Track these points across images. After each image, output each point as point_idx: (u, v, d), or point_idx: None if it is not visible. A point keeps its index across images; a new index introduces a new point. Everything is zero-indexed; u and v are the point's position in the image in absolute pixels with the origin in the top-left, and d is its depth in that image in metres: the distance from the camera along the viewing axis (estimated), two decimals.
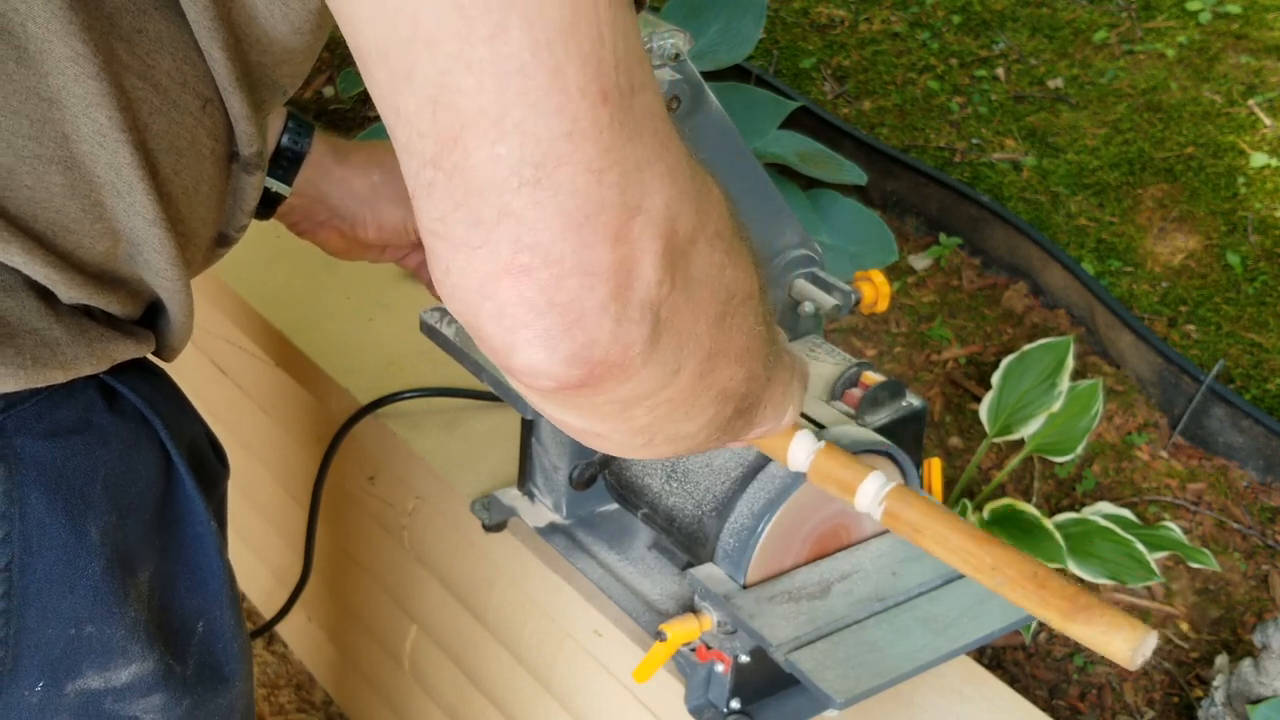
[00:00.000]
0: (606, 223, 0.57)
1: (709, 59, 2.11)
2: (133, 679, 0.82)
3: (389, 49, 0.55)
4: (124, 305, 0.79)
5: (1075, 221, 2.80)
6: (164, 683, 0.84)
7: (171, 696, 0.84)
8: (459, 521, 1.35)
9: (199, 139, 0.76)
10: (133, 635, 0.81)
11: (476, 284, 0.58)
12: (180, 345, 0.86)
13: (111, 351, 0.78)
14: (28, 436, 0.76)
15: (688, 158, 0.62)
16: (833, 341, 1.18)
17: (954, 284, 2.73)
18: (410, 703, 1.64)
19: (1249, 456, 2.34)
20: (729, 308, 0.67)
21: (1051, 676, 2.06)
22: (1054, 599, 0.79)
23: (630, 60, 0.57)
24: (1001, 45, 3.29)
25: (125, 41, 0.71)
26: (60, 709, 0.80)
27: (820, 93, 3.20)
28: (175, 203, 0.76)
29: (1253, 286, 2.63)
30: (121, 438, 0.80)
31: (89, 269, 0.75)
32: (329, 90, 2.91)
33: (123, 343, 0.79)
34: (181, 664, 0.85)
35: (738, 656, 1.06)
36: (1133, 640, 0.76)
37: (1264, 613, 2.12)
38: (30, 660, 0.78)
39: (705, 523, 1.06)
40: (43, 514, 0.76)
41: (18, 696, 0.78)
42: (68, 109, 0.70)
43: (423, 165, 0.57)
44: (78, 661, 0.80)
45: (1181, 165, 2.91)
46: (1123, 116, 3.05)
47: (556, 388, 0.61)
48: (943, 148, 3.02)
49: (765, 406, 0.81)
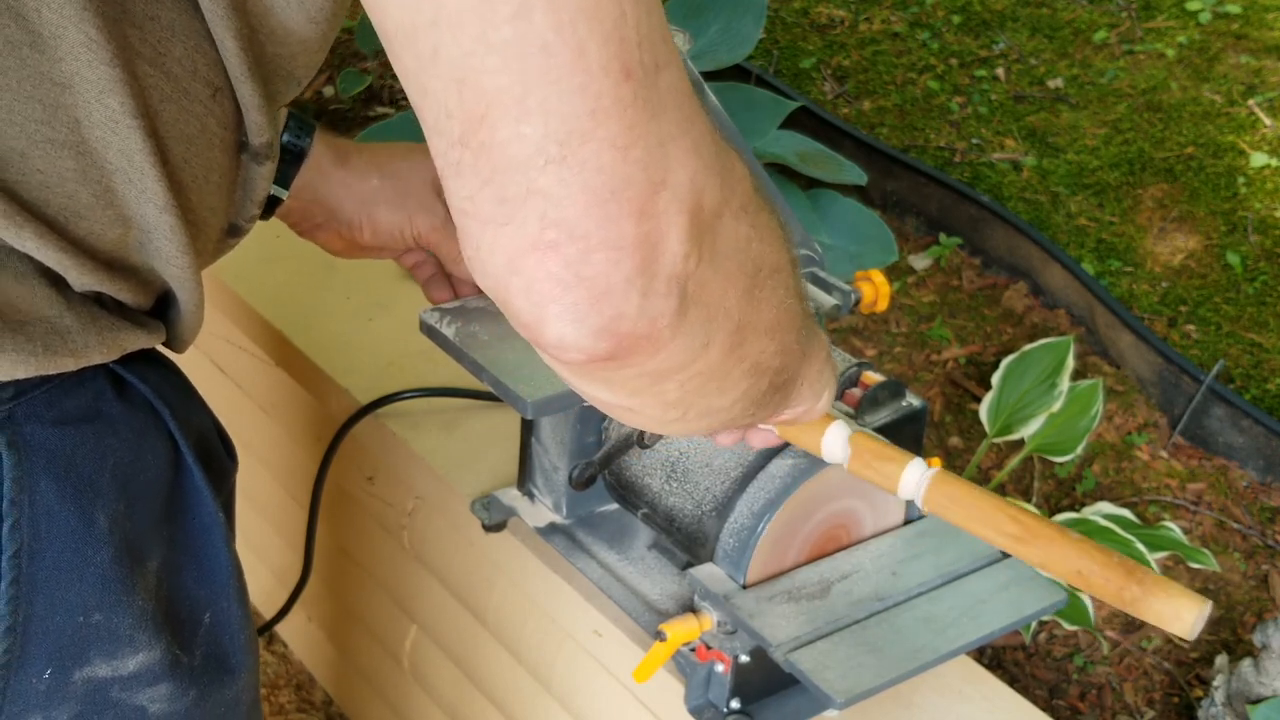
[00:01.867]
0: (631, 198, 0.58)
1: (709, 59, 2.11)
2: (140, 668, 0.82)
3: (414, 31, 0.56)
4: (135, 294, 0.79)
5: (1075, 221, 2.80)
6: (170, 672, 0.84)
7: (178, 686, 0.85)
8: (459, 521, 1.35)
9: (209, 127, 0.76)
10: (140, 624, 0.81)
11: (505, 260, 0.59)
12: (191, 337, 0.86)
13: (122, 340, 0.79)
14: (37, 424, 0.76)
15: (712, 133, 0.62)
16: (833, 341, 1.18)
17: (954, 284, 2.73)
18: (410, 703, 1.64)
19: (1249, 456, 2.34)
20: (757, 280, 0.68)
21: (1051, 676, 2.06)
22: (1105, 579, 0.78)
23: (653, 37, 0.58)
24: (1001, 45, 3.29)
25: (138, 28, 0.71)
26: (68, 697, 0.80)
27: (820, 93, 3.20)
28: (185, 190, 0.77)
29: (1253, 286, 2.63)
30: (130, 427, 0.81)
31: (100, 256, 0.76)
32: (329, 90, 2.90)
33: (134, 332, 0.79)
34: (188, 654, 0.86)
35: (738, 656, 1.06)
36: (1191, 613, 0.75)
37: (1264, 613, 2.12)
38: (38, 648, 0.78)
39: (705, 523, 1.06)
40: (52, 501, 0.77)
41: (26, 684, 0.79)
42: (80, 94, 0.70)
43: (450, 145, 0.58)
44: (85, 649, 0.80)
45: (1181, 165, 2.91)
46: (1123, 116, 3.05)
47: (586, 360, 0.62)
48: (943, 148, 3.02)
49: (802, 383, 0.81)
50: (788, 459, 1.03)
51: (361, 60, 2.97)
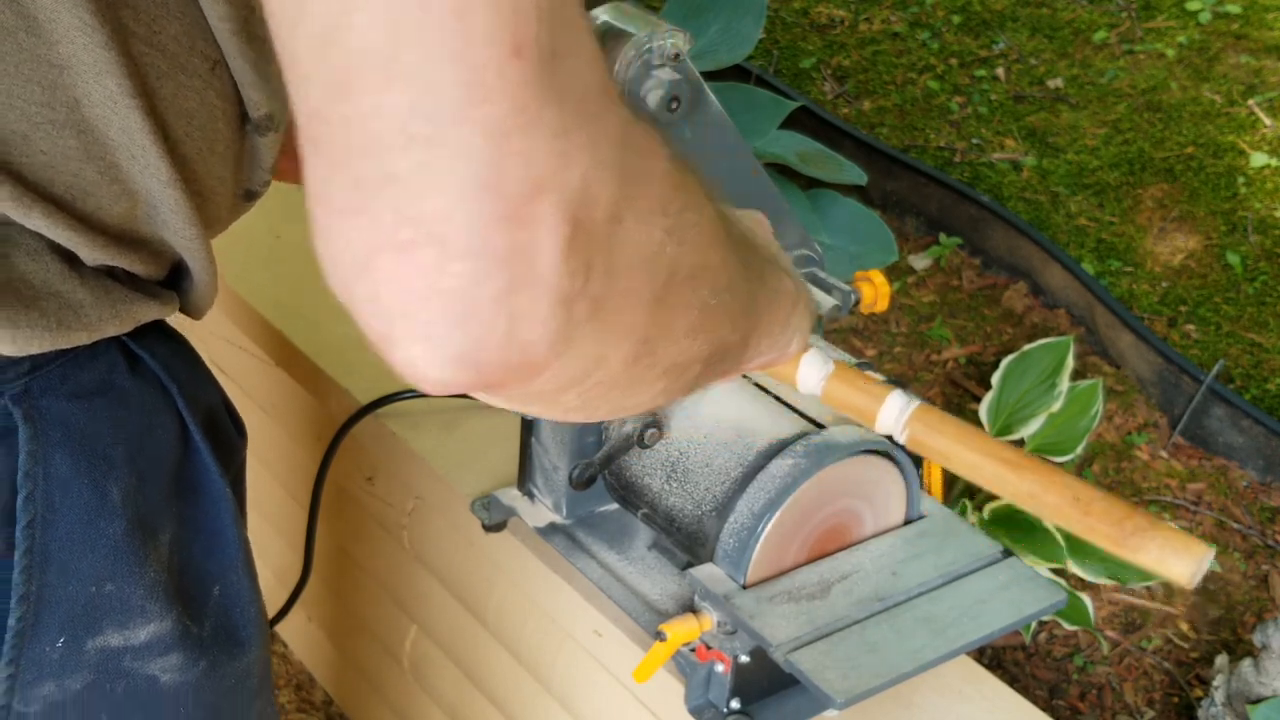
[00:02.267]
0: (506, 196, 0.48)
1: (709, 59, 2.11)
2: (151, 638, 0.83)
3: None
4: (147, 266, 0.79)
5: (1075, 221, 2.80)
6: (181, 643, 0.85)
7: (188, 657, 0.85)
8: (459, 521, 1.35)
9: (209, 101, 0.76)
10: (151, 595, 0.82)
11: (351, 259, 0.51)
12: (206, 305, 0.86)
13: (136, 312, 0.79)
14: (52, 398, 0.77)
15: (621, 130, 0.53)
16: (833, 341, 1.18)
17: (954, 284, 2.73)
18: (410, 703, 1.64)
19: (1249, 456, 2.34)
20: (670, 288, 0.59)
21: (1051, 676, 2.06)
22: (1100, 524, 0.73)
23: (558, 21, 0.49)
24: (1001, 45, 3.29)
25: (131, 9, 0.71)
26: (81, 665, 0.81)
27: (820, 93, 3.20)
28: (190, 163, 0.76)
29: (1253, 286, 2.63)
30: (142, 400, 0.82)
31: (110, 230, 0.76)
32: None
33: (147, 304, 0.80)
34: (198, 625, 0.87)
35: (737, 656, 1.06)
36: (1190, 561, 0.69)
37: (1264, 612, 2.12)
38: (51, 616, 0.79)
39: (705, 523, 1.06)
40: (66, 474, 0.77)
41: (40, 652, 0.80)
42: (78, 76, 0.70)
43: (309, 118, 0.49)
44: (98, 619, 0.81)
45: (1181, 165, 2.91)
46: (1122, 116, 3.05)
47: (441, 390, 0.53)
48: (943, 148, 3.02)
49: (750, 347, 0.77)
50: (788, 459, 1.03)
51: None
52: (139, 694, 0.84)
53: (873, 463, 1.06)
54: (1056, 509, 0.75)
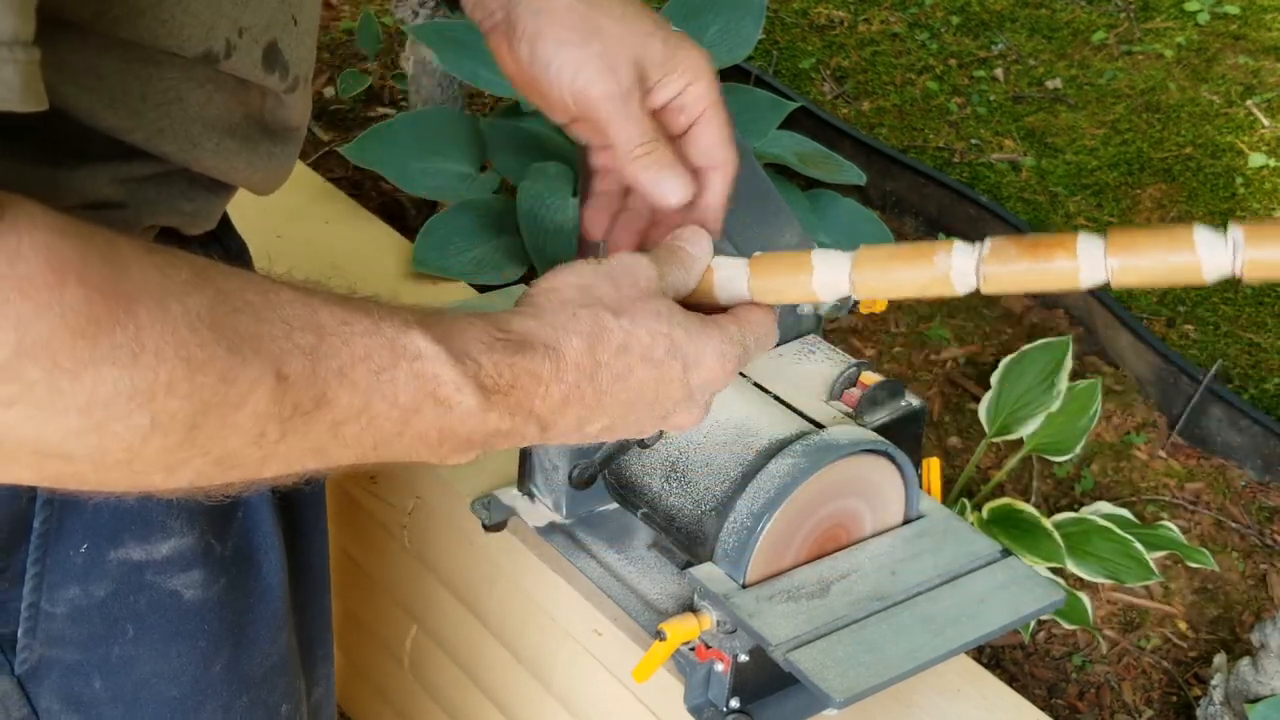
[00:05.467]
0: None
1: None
2: (172, 552, 0.86)
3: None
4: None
5: (1074, 222, 2.80)
6: (203, 560, 0.87)
7: (209, 574, 0.88)
8: (459, 521, 1.36)
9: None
10: (172, 512, 0.85)
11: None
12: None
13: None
14: None
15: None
16: (832, 341, 1.19)
17: None
18: (410, 702, 1.65)
19: (1247, 456, 2.35)
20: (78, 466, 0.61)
21: (1050, 676, 2.06)
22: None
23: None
24: (1000, 46, 3.30)
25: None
26: (104, 574, 0.84)
27: (819, 93, 3.20)
28: None
29: (1251, 286, 2.63)
30: None
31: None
32: (329, 90, 2.91)
33: None
34: (220, 544, 0.89)
35: (737, 656, 1.06)
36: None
37: (1262, 612, 2.12)
38: (74, 522, 0.82)
39: (705, 522, 1.06)
40: None
41: (64, 555, 0.82)
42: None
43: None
44: (119, 531, 0.84)
45: (1180, 165, 2.91)
46: (1121, 117, 3.05)
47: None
48: (942, 148, 3.02)
49: (550, 431, 0.75)
50: (787, 459, 1.03)
51: (361, 61, 2.97)
52: (162, 607, 0.87)
53: (872, 462, 1.06)
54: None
